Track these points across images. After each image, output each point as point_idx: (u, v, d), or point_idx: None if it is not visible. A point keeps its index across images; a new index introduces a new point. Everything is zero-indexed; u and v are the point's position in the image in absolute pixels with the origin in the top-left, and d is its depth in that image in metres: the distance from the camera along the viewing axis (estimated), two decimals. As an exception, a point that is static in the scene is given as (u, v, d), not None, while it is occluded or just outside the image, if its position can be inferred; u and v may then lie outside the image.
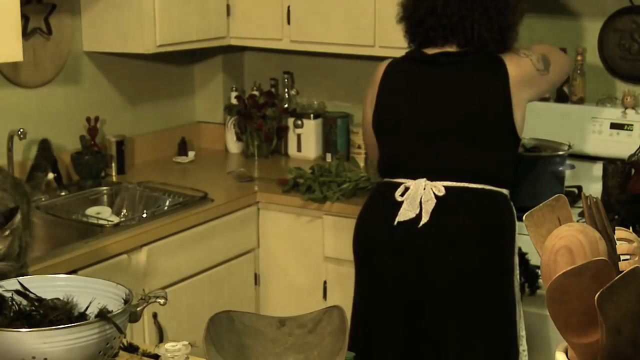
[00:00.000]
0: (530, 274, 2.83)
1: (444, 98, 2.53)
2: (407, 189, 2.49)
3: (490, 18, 2.51)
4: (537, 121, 3.38)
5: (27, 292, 1.67)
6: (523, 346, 2.60)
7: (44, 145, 1.97)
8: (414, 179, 2.49)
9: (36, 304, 1.64)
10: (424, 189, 2.46)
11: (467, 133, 2.50)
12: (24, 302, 1.65)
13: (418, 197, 2.46)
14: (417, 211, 2.45)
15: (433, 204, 2.44)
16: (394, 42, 2.84)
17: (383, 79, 2.63)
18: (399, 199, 2.49)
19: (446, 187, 2.46)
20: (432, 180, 2.47)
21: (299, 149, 3.87)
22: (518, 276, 2.57)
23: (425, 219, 2.44)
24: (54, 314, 1.61)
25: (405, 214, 2.47)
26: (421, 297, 2.49)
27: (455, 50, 2.54)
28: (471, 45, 2.52)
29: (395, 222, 2.47)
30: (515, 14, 2.58)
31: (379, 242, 2.54)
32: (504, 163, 2.55)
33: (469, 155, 2.49)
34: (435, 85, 2.55)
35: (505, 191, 2.55)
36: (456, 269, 2.45)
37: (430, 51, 2.56)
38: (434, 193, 2.45)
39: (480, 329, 2.50)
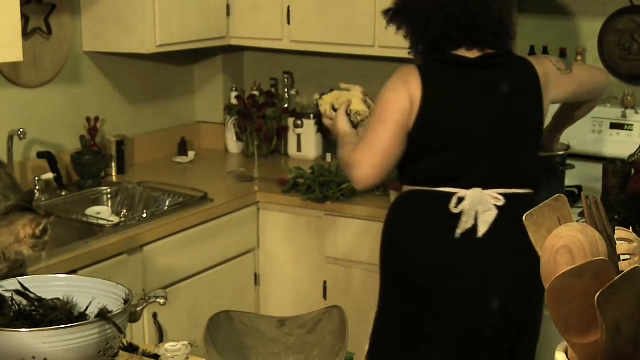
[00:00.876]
0: None
1: (493, 103, 2.43)
2: (460, 199, 2.37)
3: (510, 14, 2.48)
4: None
5: (27, 292, 1.67)
6: None
7: (29, 193, 1.95)
8: (467, 188, 2.38)
9: (36, 304, 1.65)
10: (481, 198, 2.37)
11: (516, 138, 2.44)
12: (24, 302, 1.65)
13: (475, 207, 2.37)
14: (473, 222, 2.37)
15: (494, 215, 2.36)
16: (394, 42, 2.84)
17: (425, 85, 2.40)
18: (454, 210, 2.37)
19: (504, 195, 2.38)
20: (485, 189, 2.38)
21: (299, 149, 3.87)
22: None
23: (483, 229, 2.36)
24: (54, 314, 1.62)
25: (464, 225, 2.37)
26: (480, 324, 2.42)
27: (483, 52, 2.44)
28: (497, 44, 2.45)
29: (458, 235, 2.37)
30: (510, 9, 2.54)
31: (438, 257, 2.41)
32: (537, 166, 2.52)
33: (518, 160, 2.45)
34: (484, 89, 2.44)
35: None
36: (526, 281, 2.29)
37: (462, 53, 2.43)
38: (494, 203, 2.37)
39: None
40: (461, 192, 2.38)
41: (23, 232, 1.80)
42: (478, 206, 2.37)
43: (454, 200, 2.37)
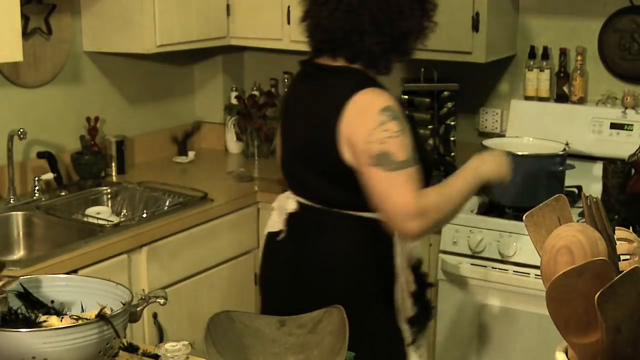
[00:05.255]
0: (424, 303, 2.44)
1: (295, 116, 2.41)
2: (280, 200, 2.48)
3: (380, 29, 2.26)
4: (537, 121, 3.38)
5: (29, 295, 1.67)
6: None
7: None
8: (290, 190, 2.45)
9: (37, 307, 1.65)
10: (286, 202, 2.43)
11: (302, 157, 2.36)
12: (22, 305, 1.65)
13: (282, 210, 2.43)
14: (282, 226, 2.43)
15: (285, 217, 2.41)
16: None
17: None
18: (274, 206, 2.50)
19: (299, 203, 2.38)
20: (294, 195, 2.42)
21: (299, 149, 3.87)
22: (377, 307, 2.34)
23: (283, 233, 2.43)
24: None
25: (271, 225, 2.47)
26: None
27: (342, 64, 2.31)
28: (359, 58, 2.30)
29: (264, 233, 2.52)
30: (411, 18, 2.28)
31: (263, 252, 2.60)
32: (341, 190, 2.29)
33: (309, 177, 2.36)
34: (296, 99, 2.42)
35: (365, 214, 2.28)
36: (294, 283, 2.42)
37: (320, 60, 2.36)
38: (290, 208, 2.41)
39: None
40: (287, 194, 2.46)
41: None
42: (284, 209, 2.42)
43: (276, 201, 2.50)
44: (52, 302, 1.72)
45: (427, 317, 2.46)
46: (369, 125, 2.16)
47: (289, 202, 2.42)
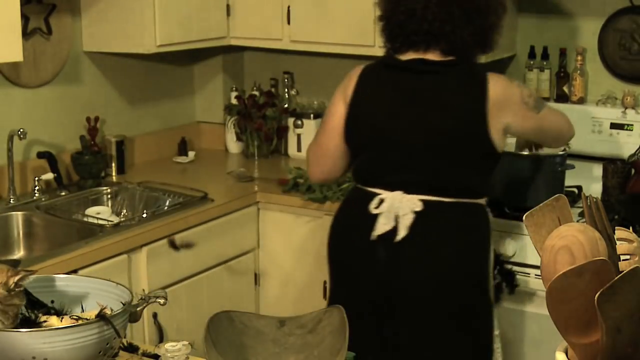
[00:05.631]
0: (505, 272, 2.84)
1: (421, 111, 2.44)
2: (382, 201, 2.43)
3: (471, 20, 2.41)
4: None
5: (29, 295, 1.67)
6: (497, 344, 2.59)
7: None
8: (390, 190, 2.42)
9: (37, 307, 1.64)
10: (401, 202, 2.40)
11: (443, 149, 2.42)
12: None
13: (394, 210, 2.40)
14: (393, 224, 2.40)
15: (411, 219, 2.39)
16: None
17: (358, 85, 2.52)
18: (374, 211, 2.42)
19: (423, 202, 2.40)
20: (408, 193, 2.41)
21: (299, 149, 3.87)
22: (492, 279, 2.56)
23: (402, 233, 2.39)
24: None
25: (381, 227, 2.41)
26: (395, 302, 2.44)
27: (438, 58, 2.44)
28: (454, 50, 2.42)
29: (374, 237, 2.42)
30: (496, 13, 2.47)
31: (356, 257, 2.48)
32: (480, 177, 2.49)
33: (444, 170, 2.42)
34: (413, 95, 2.45)
35: (481, 201, 2.50)
36: (436, 280, 2.41)
37: (408, 56, 2.46)
38: (412, 209, 2.39)
39: (457, 336, 2.50)
40: (384, 193, 2.42)
41: None
42: (398, 209, 2.40)
43: (375, 201, 2.43)
44: (52, 302, 1.72)
45: (513, 285, 2.83)
46: (518, 95, 2.46)
47: (408, 201, 2.40)
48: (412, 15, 2.41)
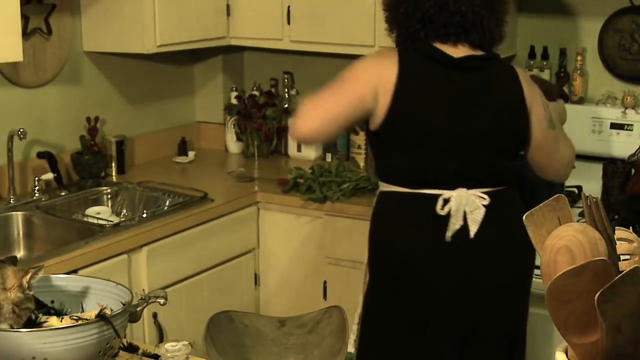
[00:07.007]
0: None
1: (475, 108, 2.41)
2: (445, 201, 2.36)
3: (495, 13, 2.43)
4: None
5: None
6: None
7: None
8: (450, 189, 2.37)
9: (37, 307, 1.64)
10: (467, 199, 2.36)
11: (497, 144, 2.43)
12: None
13: (462, 207, 2.36)
14: (462, 223, 2.36)
15: (482, 214, 2.36)
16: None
17: (401, 75, 2.37)
18: (441, 212, 2.35)
19: (488, 194, 2.38)
20: (468, 189, 2.37)
21: (299, 149, 3.87)
22: None
23: (474, 229, 2.36)
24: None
25: (453, 227, 2.36)
26: (477, 317, 2.44)
27: (468, 51, 2.41)
28: (483, 43, 2.43)
29: (448, 237, 2.36)
30: (509, 2, 2.53)
31: (430, 262, 2.40)
32: (516, 167, 2.53)
33: (499, 163, 2.44)
34: (468, 92, 2.42)
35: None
36: (516, 265, 2.47)
37: (447, 50, 2.40)
38: (481, 203, 2.36)
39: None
40: (446, 193, 2.37)
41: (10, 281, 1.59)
42: (465, 207, 2.37)
43: (440, 202, 2.36)
44: (52, 302, 1.72)
45: None
46: (537, 92, 2.51)
47: (473, 196, 2.38)
48: (442, 9, 2.37)
